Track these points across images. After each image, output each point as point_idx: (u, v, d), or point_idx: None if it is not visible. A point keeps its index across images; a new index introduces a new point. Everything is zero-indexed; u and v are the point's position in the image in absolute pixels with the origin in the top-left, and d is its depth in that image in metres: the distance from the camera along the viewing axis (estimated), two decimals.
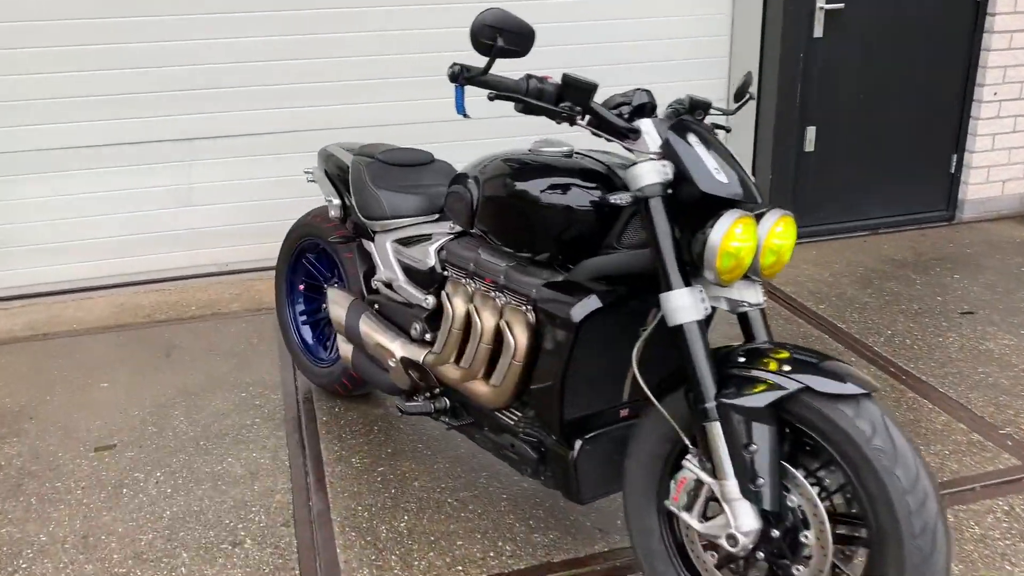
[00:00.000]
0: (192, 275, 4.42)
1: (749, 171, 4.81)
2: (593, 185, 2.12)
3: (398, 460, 2.89)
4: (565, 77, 1.92)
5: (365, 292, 2.91)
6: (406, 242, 2.68)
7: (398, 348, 2.62)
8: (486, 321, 2.31)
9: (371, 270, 2.92)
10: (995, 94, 4.88)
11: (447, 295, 2.44)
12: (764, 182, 4.71)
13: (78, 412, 3.24)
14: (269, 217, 4.46)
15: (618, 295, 2.06)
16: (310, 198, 4.45)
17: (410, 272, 2.66)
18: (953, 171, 5.07)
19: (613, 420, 2.24)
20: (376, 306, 2.82)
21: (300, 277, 3.38)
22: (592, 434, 2.19)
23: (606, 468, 2.24)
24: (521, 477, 2.76)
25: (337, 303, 2.86)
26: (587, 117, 1.95)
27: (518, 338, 2.21)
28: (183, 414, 3.22)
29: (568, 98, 1.93)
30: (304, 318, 3.39)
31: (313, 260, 3.30)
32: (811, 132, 4.72)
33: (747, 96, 2.23)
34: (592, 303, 2.02)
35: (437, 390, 2.54)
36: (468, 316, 2.40)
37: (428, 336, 2.60)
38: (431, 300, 2.58)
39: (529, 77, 1.95)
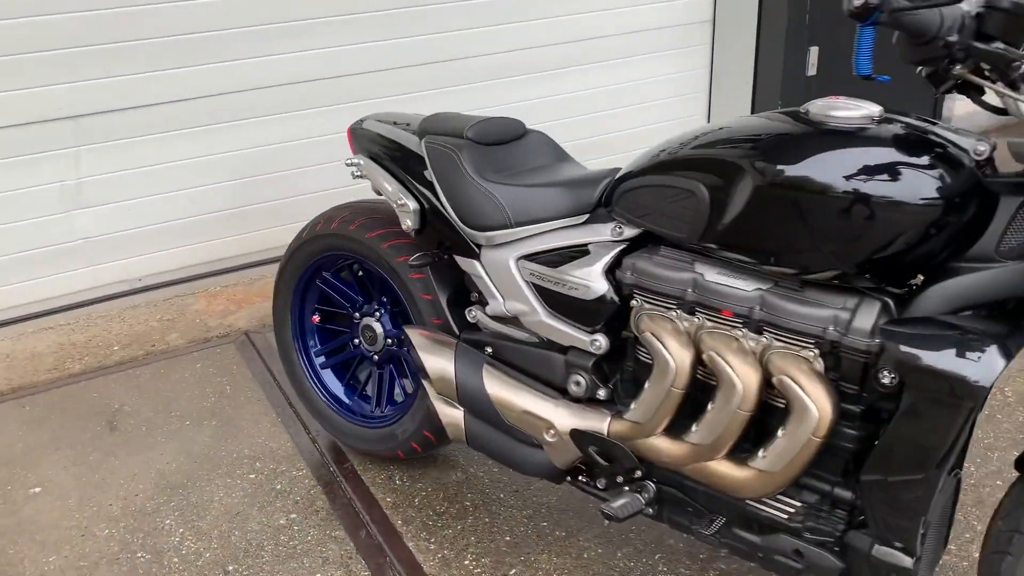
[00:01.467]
0: (97, 298, 3.29)
1: (749, 95, 4.21)
2: (927, 163, 1.40)
3: (529, 552, 2.10)
4: None
5: (455, 328, 2.05)
6: (541, 259, 1.85)
7: (563, 416, 1.81)
8: (745, 376, 1.55)
9: (458, 297, 2.07)
10: None
11: (655, 336, 1.65)
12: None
13: (14, 545, 2.19)
14: (191, 211, 3.38)
15: (1015, 335, 1.36)
16: (248, 180, 3.43)
17: (555, 301, 1.84)
18: None
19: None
20: (488, 350, 1.98)
21: (311, 306, 2.44)
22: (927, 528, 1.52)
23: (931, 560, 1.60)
24: (710, 554, 2.05)
25: (431, 351, 1.98)
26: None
27: (819, 402, 1.48)
28: (180, 523, 2.24)
29: (994, 30, 1.20)
30: (322, 361, 2.46)
31: (332, 280, 2.37)
32: (813, 54, 4.15)
33: None
34: (996, 359, 1.31)
35: (638, 473, 1.76)
36: (695, 367, 1.63)
37: (601, 393, 1.81)
38: (602, 341, 1.78)
39: None
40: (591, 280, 1.76)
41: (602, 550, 2.10)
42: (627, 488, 1.78)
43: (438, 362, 1.96)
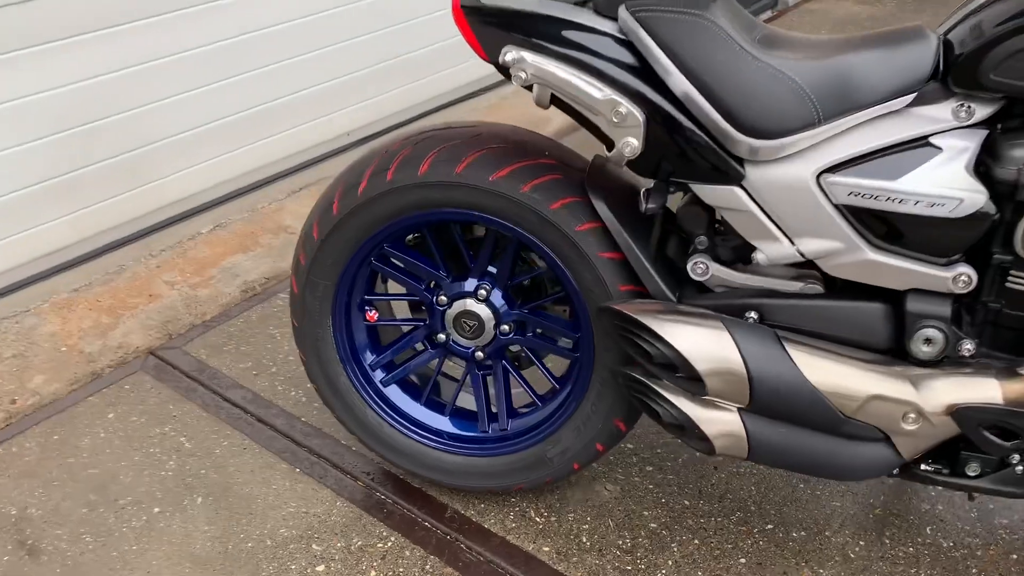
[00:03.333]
0: None
1: None
2: None
3: (784, 571, 1.56)
4: None
5: (668, 293, 1.39)
6: (854, 170, 1.25)
7: (934, 392, 1.26)
8: None
9: (663, 249, 1.40)
10: None
11: None
12: None
13: None
14: None
15: None
16: (80, 129, 2.36)
17: (890, 228, 1.26)
18: None
19: None
20: (752, 316, 1.35)
21: (358, 299, 1.61)
22: None
23: None
24: (981, 514, 1.65)
25: (686, 334, 1.29)
26: None
27: None
28: None
29: None
30: (382, 376, 1.66)
31: (401, 255, 1.56)
32: None
33: None
34: None
35: None
36: None
37: (968, 347, 1.28)
38: (970, 275, 1.25)
39: None
40: (960, 187, 1.20)
41: (864, 542, 1.61)
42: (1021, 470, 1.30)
43: (708, 349, 1.29)
